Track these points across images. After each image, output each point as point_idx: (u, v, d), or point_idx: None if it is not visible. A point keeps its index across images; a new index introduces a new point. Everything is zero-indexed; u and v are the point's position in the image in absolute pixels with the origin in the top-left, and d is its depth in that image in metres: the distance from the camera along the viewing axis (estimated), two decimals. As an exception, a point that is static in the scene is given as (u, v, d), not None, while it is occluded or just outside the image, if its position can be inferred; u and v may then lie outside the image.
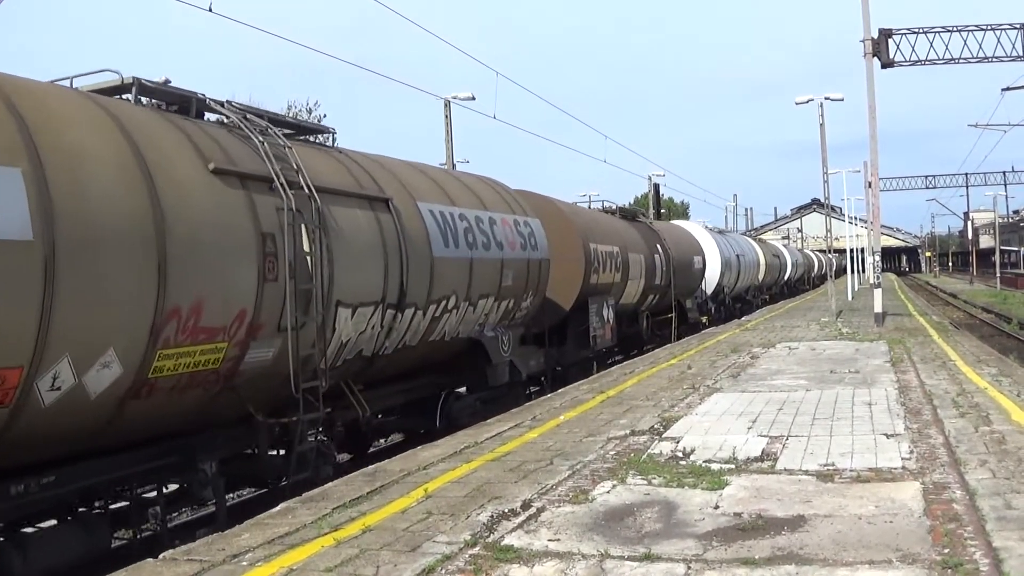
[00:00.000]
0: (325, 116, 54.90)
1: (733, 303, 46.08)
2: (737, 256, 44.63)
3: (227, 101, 11.13)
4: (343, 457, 14.61)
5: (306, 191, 10.60)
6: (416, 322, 13.22)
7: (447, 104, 35.45)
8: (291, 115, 53.03)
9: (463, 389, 16.32)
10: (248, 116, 11.03)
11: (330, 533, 7.41)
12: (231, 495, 13.19)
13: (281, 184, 10.21)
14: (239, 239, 9.54)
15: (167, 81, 10.95)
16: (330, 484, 9.50)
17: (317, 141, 14.16)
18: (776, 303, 55.03)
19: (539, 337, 19.51)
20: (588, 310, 21.14)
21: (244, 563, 6.76)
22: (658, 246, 29.19)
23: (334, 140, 13.60)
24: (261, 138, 10.64)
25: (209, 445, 10.09)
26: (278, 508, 8.55)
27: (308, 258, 10.49)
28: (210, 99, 10.86)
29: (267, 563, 6.71)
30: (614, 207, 28.35)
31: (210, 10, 16.04)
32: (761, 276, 54.20)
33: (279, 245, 9.99)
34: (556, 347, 20.56)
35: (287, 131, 12.01)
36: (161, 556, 7.10)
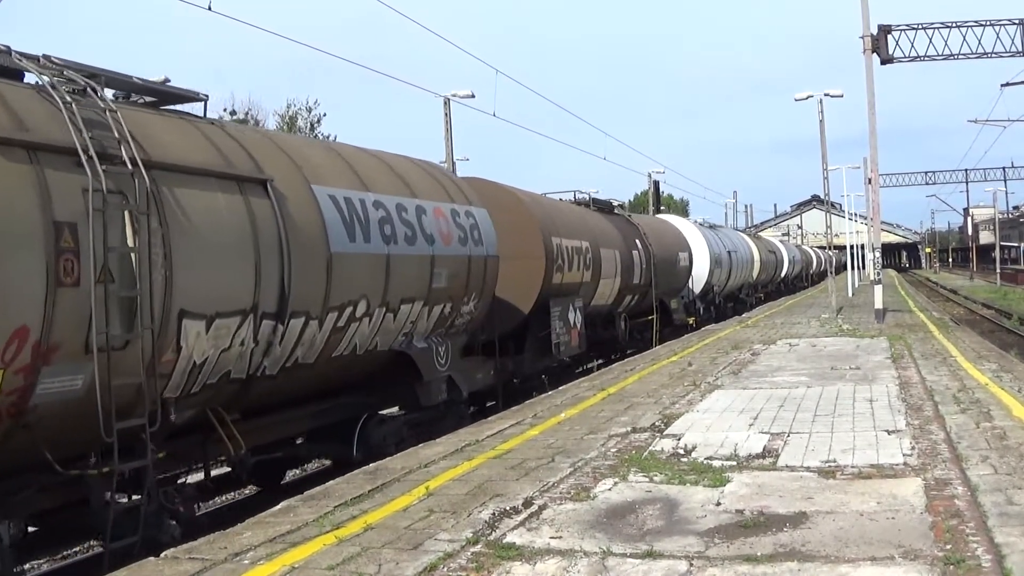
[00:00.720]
0: (325, 115, 54.87)
1: (725, 302, 43.24)
2: (729, 252, 41.79)
3: (43, 55, 8.70)
4: (246, 491, 13.51)
5: (129, 167, 8.23)
6: (310, 335, 10.78)
7: (446, 102, 35.47)
8: (290, 113, 53.18)
9: (395, 409, 14.16)
10: (66, 73, 8.58)
11: (332, 531, 7.40)
12: (230, 494, 13.18)
13: (90, 157, 7.84)
14: (16, 230, 7.23)
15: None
16: (331, 482, 9.48)
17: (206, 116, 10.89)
18: (772, 300, 54.00)
19: (490, 346, 16.85)
20: (550, 313, 18.53)
21: (246, 561, 6.75)
22: (637, 242, 26.41)
23: (206, 109, 10.68)
24: (70, 99, 8.16)
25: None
26: (279, 506, 8.55)
27: (133, 255, 8.19)
28: (17, 52, 8.40)
29: (269, 561, 6.70)
30: (587, 198, 25.25)
31: (209, 8, 16.03)
32: (756, 273, 51.60)
33: (82, 238, 7.68)
34: (512, 357, 18.03)
35: (149, 99, 9.99)
36: (163, 554, 7.10)
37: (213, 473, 11.35)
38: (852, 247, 65.20)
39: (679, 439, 10.57)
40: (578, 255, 20.24)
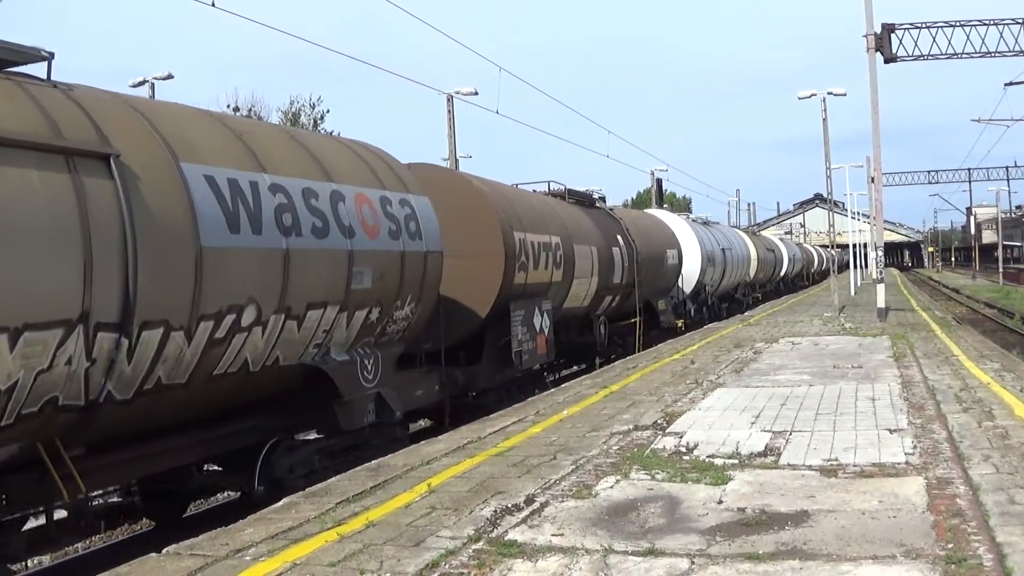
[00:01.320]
0: (328, 111, 54.75)
1: (719, 303, 40.63)
2: (723, 250, 39.18)
3: None
4: (138, 527, 12.14)
5: None
6: (174, 350, 8.70)
7: (450, 99, 35.47)
8: (293, 110, 53.16)
9: (313, 434, 12.36)
10: None
11: (333, 528, 7.41)
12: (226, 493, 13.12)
13: None
14: None
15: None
16: (333, 479, 9.48)
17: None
18: (769, 301, 51.86)
19: (436, 357, 14.74)
20: (510, 318, 16.22)
21: (248, 558, 6.76)
22: (619, 238, 24.11)
23: (49, 70, 8.54)
24: None
25: None
26: (281, 503, 8.56)
27: None
28: None
29: (271, 558, 6.71)
30: (563, 189, 22.92)
31: (213, 5, 16.03)
32: (753, 272, 49.08)
33: None
34: (464, 368, 15.82)
35: None
36: (164, 551, 7.11)
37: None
38: (855, 246, 65.17)
39: (681, 437, 10.56)
40: (546, 252, 17.99)
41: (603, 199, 27.00)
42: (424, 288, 13.06)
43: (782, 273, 65.10)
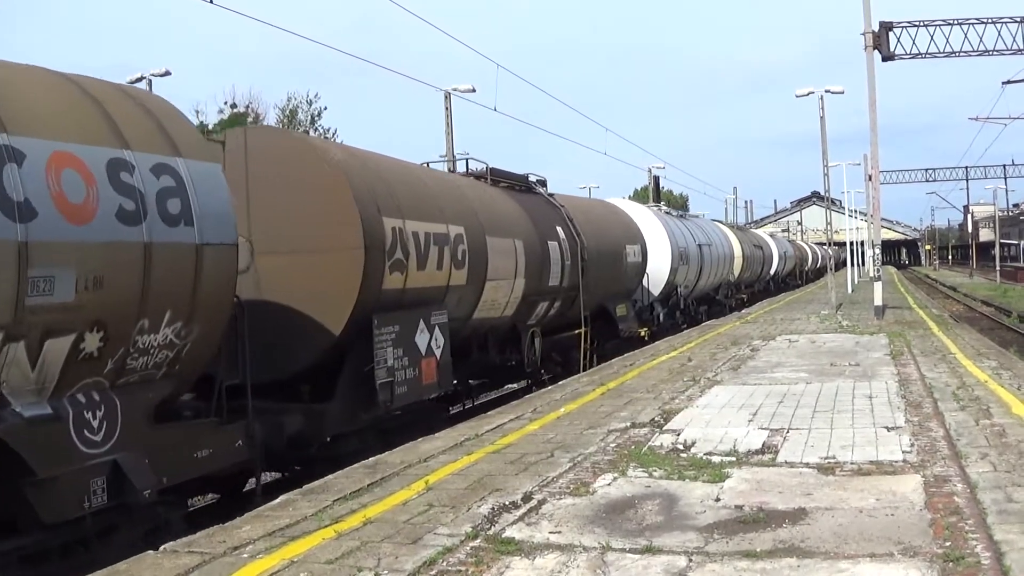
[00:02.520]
0: (326, 108, 54.77)
1: (695, 306, 35.66)
2: (700, 246, 34.31)
3: None
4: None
5: None
6: None
7: (447, 96, 35.45)
8: (291, 107, 53.15)
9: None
10: None
11: (331, 525, 7.40)
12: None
13: None
14: None
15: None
16: (330, 476, 9.47)
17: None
18: (757, 302, 47.02)
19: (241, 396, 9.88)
20: (373, 336, 11.75)
21: (245, 555, 6.75)
22: (559, 230, 19.11)
23: None
24: None
25: None
26: (278, 500, 8.55)
27: None
28: None
29: (268, 555, 6.70)
30: (484, 167, 18.51)
31: (211, 1, 16.01)
32: (738, 271, 44.73)
33: None
34: (309, 407, 11.53)
35: None
36: (162, 548, 7.10)
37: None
38: (852, 244, 65.20)
39: (678, 434, 10.56)
40: (440, 246, 13.66)
41: (543, 183, 20.64)
42: (199, 298, 8.76)
43: (772, 271, 61.27)
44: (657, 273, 28.17)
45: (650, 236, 27.21)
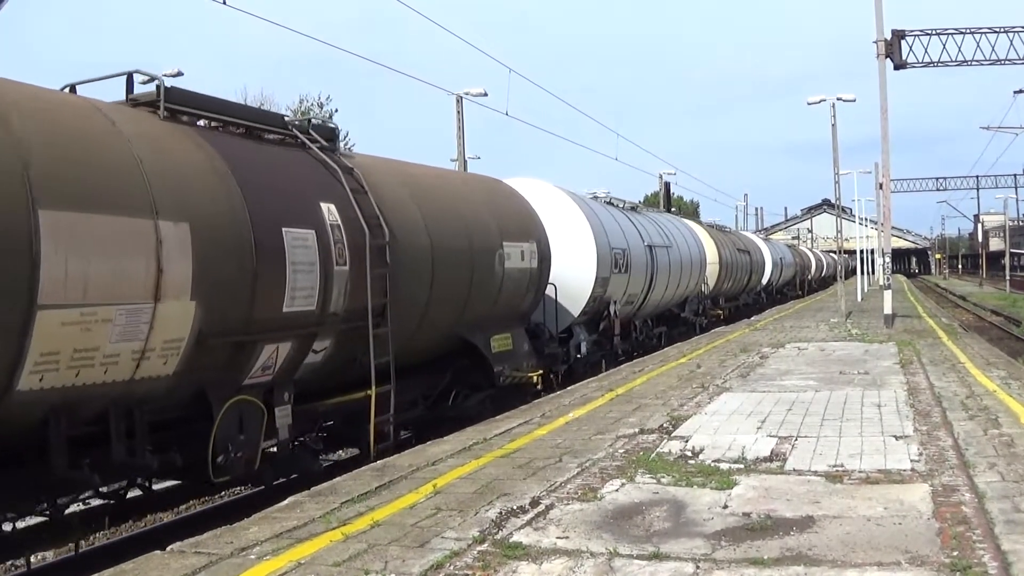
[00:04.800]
0: (337, 111, 54.78)
1: (648, 326, 27.30)
2: (651, 248, 25.56)
3: None
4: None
5: None
6: None
7: (459, 100, 35.49)
8: (302, 108, 53.21)
9: None
10: None
11: (338, 528, 7.42)
12: (228, 491, 13.06)
13: None
14: None
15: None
16: (338, 479, 9.49)
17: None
18: (742, 319, 38.17)
19: None
20: None
21: (252, 556, 6.77)
22: (327, 211, 10.87)
23: None
24: None
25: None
26: (286, 502, 8.57)
27: None
28: None
29: (275, 557, 6.72)
30: (155, 89, 9.61)
31: (224, 3, 16.06)
32: (713, 280, 36.38)
33: None
34: None
35: None
36: (169, 548, 7.12)
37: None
38: (862, 252, 65.05)
39: (687, 441, 10.56)
40: None
41: (329, 134, 12.09)
42: None
43: (764, 281, 52.68)
44: (575, 285, 19.80)
45: (560, 231, 19.19)
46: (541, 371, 16.93)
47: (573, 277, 19.72)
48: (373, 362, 11.26)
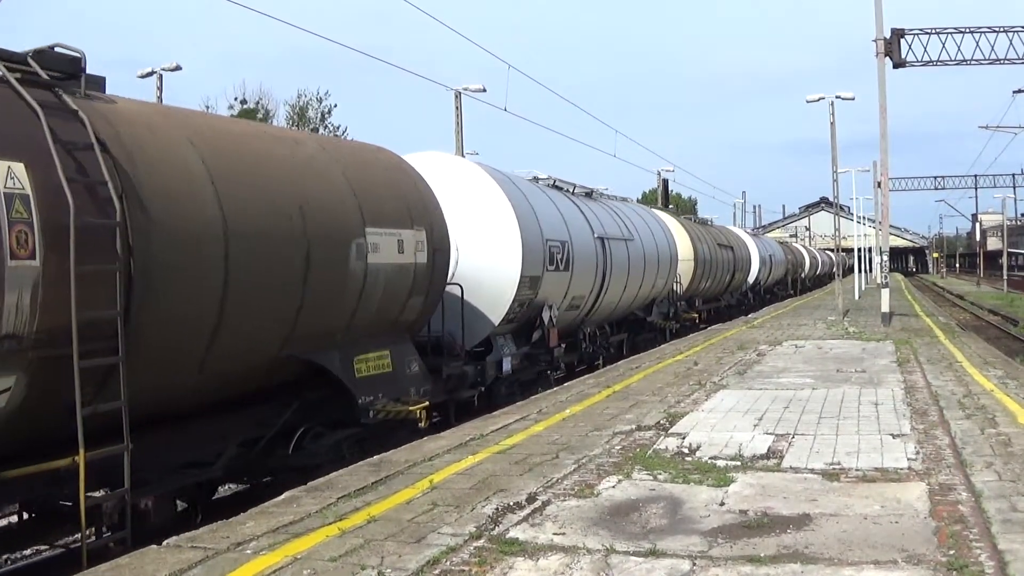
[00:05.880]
0: (336, 106, 54.68)
1: (607, 333, 23.12)
2: (604, 241, 21.18)
3: None
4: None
5: None
6: None
7: (458, 95, 35.46)
8: (301, 104, 53.14)
9: None
10: None
11: (335, 523, 7.41)
12: (228, 486, 13.01)
13: None
14: None
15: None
16: (335, 474, 9.47)
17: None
18: (722, 322, 34.67)
19: None
20: None
21: (248, 551, 6.76)
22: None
23: None
24: None
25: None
26: (283, 497, 8.55)
27: None
28: None
29: (271, 551, 6.71)
30: None
31: (223, -3, 16.02)
32: (687, 279, 32.15)
33: None
34: None
35: None
36: (165, 542, 7.10)
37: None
38: (860, 250, 65.07)
39: (684, 438, 10.56)
40: None
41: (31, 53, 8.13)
42: None
43: (750, 280, 48.53)
44: (492, 285, 15.75)
45: (472, 218, 15.80)
46: (426, 403, 12.46)
47: (490, 276, 15.65)
48: (81, 412, 7.37)
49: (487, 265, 15.67)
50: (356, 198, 11.51)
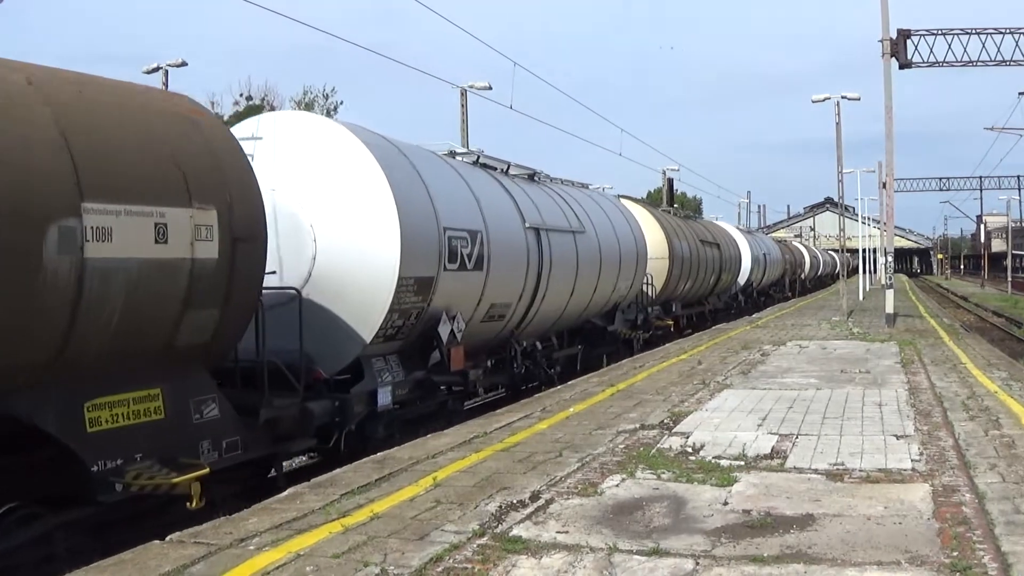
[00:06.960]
0: (342, 103, 54.67)
1: (554, 348, 18.82)
2: (544, 233, 17.09)
3: None
4: None
5: None
6: None
7: (463, 93, 35.40)
8: (307, 100, 53.16)
9: None
10: None
11: (338, 519, 7.42)
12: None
13: None
14: None
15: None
16: (338, 470, 9.48)
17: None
18: (704, 329, 31.37)
19: None
20: None
21: (251, 547, 6.77)
22: None
23: None
24: None
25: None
26: (286, 493, 8.56)
27: None
28: None
29: (274, 548, 6.71)
30: None
31: (229, -7, 16.01)
32: (661, 281, 27.60)
33: None
34: None
35: None
36: (168, 538, 7.11)
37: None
38: (864, 251, 64.96)
39: (687, 437, 10.55)
40: None
41: None
42: None
43: (741, 281, 43.51)
44: (356, 289, 11.70)
45: (325, 195, 11.93)
46: (204, 471, 8.54)
47: (356, 277, 11.68)
48: None
49: (353, 262, 11.63)
50: (69, 153, 7.58)
